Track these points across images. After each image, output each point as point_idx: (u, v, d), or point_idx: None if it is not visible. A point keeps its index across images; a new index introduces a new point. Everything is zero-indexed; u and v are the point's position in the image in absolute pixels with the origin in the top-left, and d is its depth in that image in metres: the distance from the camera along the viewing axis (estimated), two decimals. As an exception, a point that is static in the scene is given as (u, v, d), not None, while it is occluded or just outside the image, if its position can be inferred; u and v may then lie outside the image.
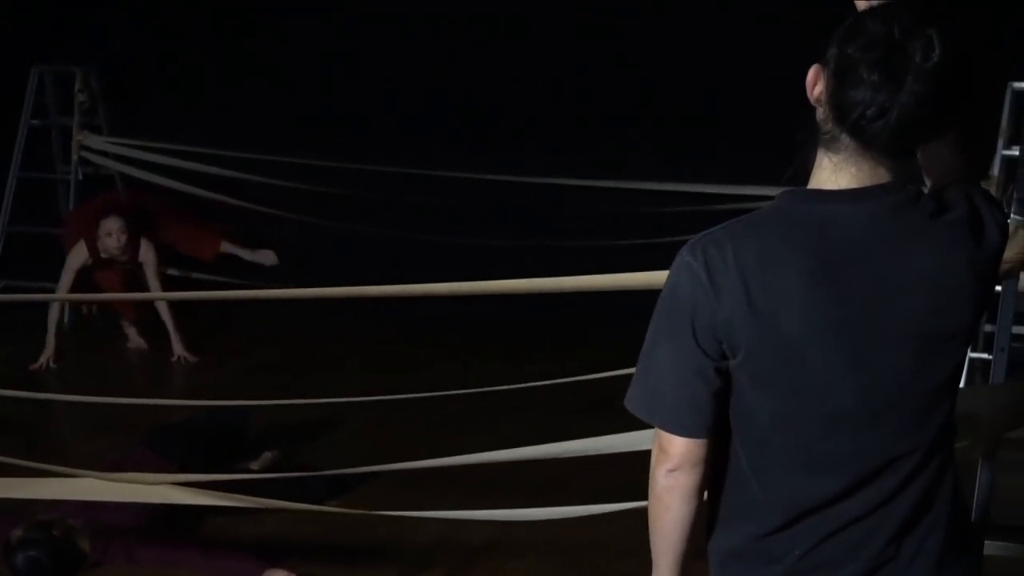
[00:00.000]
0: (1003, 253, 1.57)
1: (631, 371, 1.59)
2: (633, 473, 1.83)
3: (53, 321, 5.76)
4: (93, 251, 5.74)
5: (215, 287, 5.95)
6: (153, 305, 5.95)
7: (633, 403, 1.58)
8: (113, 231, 5.70)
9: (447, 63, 6.60)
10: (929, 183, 1.59)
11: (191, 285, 6.23)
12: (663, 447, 1.57)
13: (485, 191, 6.19)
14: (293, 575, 3.39)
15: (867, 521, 1.53)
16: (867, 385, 1.49)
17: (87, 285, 5.81)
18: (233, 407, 4.23)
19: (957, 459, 1.62)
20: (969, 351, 3.88)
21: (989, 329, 4.18)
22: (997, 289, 2.98)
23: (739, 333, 1.47)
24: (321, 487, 3.81)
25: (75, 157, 6.62)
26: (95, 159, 6.62)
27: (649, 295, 1.61)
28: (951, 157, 1.58)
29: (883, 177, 1.48)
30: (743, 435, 1.56)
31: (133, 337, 6.19)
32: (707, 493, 1.63)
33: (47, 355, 5.71)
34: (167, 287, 5.98)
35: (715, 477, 1.61)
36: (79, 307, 6.60)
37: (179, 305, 5.88)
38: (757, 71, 5.46)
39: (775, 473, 1.55)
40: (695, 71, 6.16)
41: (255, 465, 4.17)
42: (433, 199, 6.27)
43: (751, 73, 5.78)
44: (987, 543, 2.55)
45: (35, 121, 6.74)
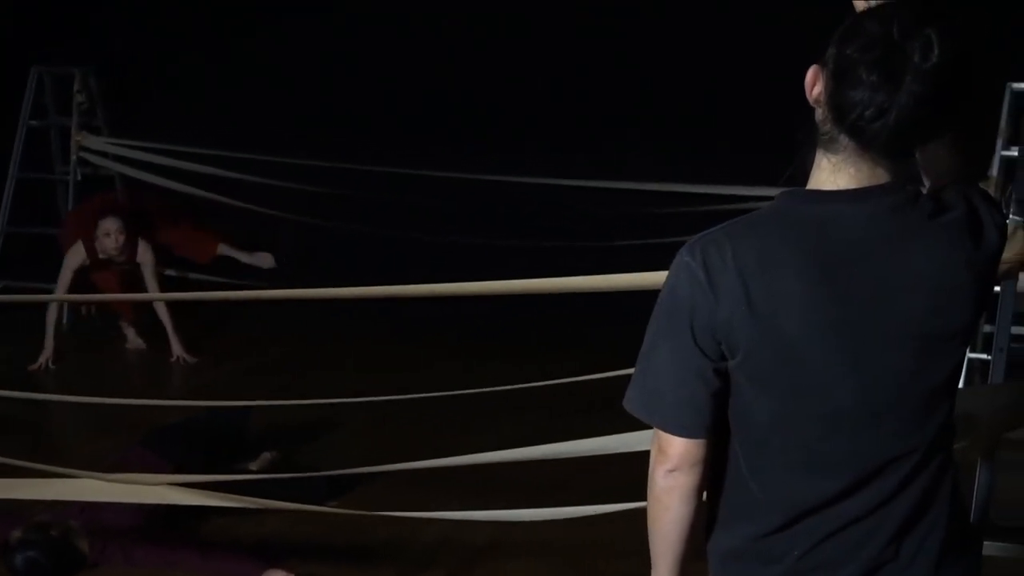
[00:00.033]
0: (1002, 254, 1.57)
1: (631, 371, 1.59)
2: (633, 473, 1.83)
3: (51, 322, 5.76)
4: (91, 251, 5.74)
5: (213, 288, 5.94)
6: (151, 306, 5.95)
7: (632, 404, 1.58)
8: (111, 231, 5.70)
9: (447, 63, 6.61)
10: (928, 183, 1.59)
11: (189, 286, 6.24)
12: (662, 447, 1.57)
13: (485, 191, 6.19)
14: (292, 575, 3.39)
15: (867, 521, 1.53)
16: (866, 385, 1.49)
17: (85, 286, 5.80)
18: (232, 407, 4.23)
19: (956, 459, 1.62)
20: (968, 351, 3.87)
21: (988, 329, 4.18)
22: (996, 290, 2.98)
23: (738, 334, 1.47)
24: (321, 487, 3.81)
25: (74, 158, 6.62)
26: (94, 160, 6.61)
27: (649, 295, 1.60)
28: (950, 157, 1.58)
29: (882, 177, 1.48)
30: (742, 435, 1.56)
31: (132, 338, 6.19)
32: (706, 493, 1.63)
33: (46, 356, 5.71)
34: (165, 288, 5.98)
35: (714, 477, 1.61)
36: (78, 308, 6.59)
37: (177, 306, 5.87)
38: (757, 71, 5.46)
39: (774, 473, 1.55)
40: (695, 71, 6.17)
41: (254, 466, 4.17)
42: (433, 199, 6.27)
43: (751, 73, 5.79)
44: (986, 543, 2.55)
45: (34, 121, 6.74)
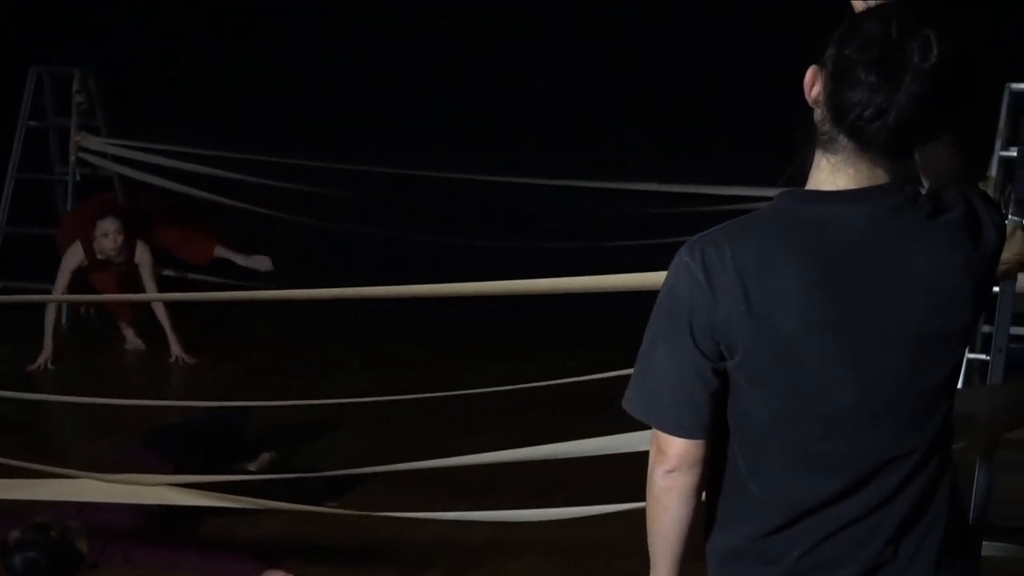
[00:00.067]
0: (1000, 254, 1.57)
1: (631, 371, 1.59)
2: (634, 473, 1.83)
3: (50, 322, 5.75)
4: (89, 252, 5.73)
5: (212, 288, 5.94)
6: (149, 306, 5.95)
7: (631, 404, 1.58)
8: (110, 232, 5.69)
9: (447, 63, 6.61)
10: (927, 184, 1.59)
11: (187, 286, 6.23)
12: (661, 448, 1.56)
13: (485, 192, 6.19)
14: (291, 576, 3.39)
15: (866, 521, 1.53)
16: (865, 386, 1.49)
17: (83, 286, 5.79)
18: (232, 408, 4.23)
19: (955, 460, 1.62)
20: (967, 352, 3.88)
21: (987, 330, 4.19)
22: (995, 290, 2.98)
23: (737, 334, 1.47)
24: (320, 488, 3.81)
25: (73, 158, 6.61)
26: (93, 160, 6.61)
27: (650, 295, 1.60)
28: (949, 158, 1.58)
29: (881, 178, 1.48)
30: (741, 436, 1.56)
31: (131, 338, 6.18)
32: (705, 494, 1.62)
33: (45, 356, 5.71)
34: (163, 288, 5.97)
35: (713, 478, 1.61)
36: (77, 308, 6.59)
37: (176, 306, 5.87)
38: (757, 71, 5.46)
39: (773, 473, 1.55)
40: (695, 71, 6.17)
41: (253, 466, 4.17)
42: (433, 199, 6.27)
43: (751, 73, 5.79)
44: (985, 544, 2.55)
45: (33, 122, 6.74)
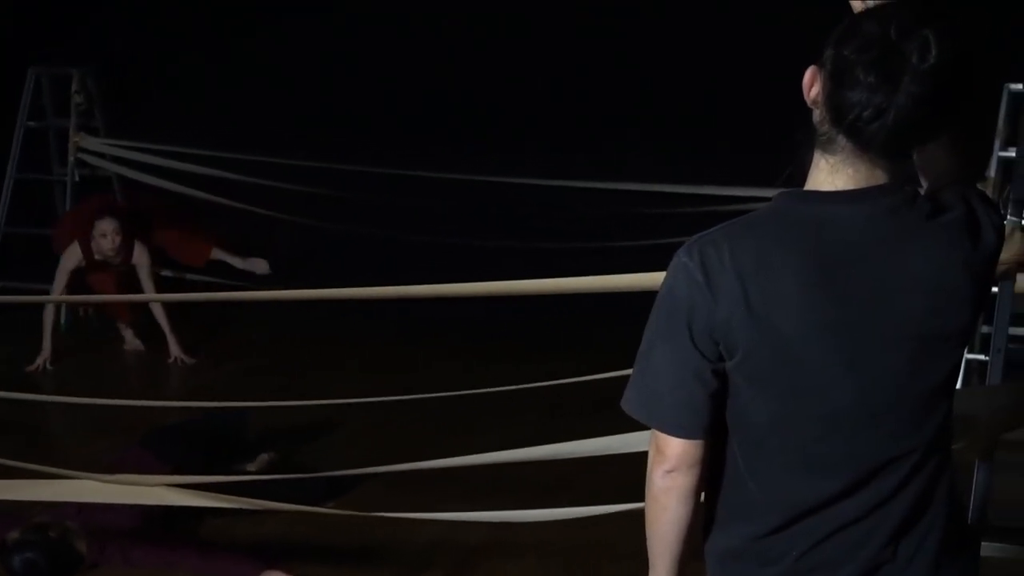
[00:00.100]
0: (999, 255, 1.57)
1: (631, 372, 1.59)
2: (634, 474, 1.83)
3: (48, 323, 5.75)
4: (87, 252, 5.72)
5: (210, 289, 5.93)
6: (148, 307, 5.95)
7: (630, 404, 1.58)
8: (108, 232, 5.68)
9: (447, 63, 6.60)
10: (926, 184, 1.58)
11: (186, 287, 6.22)
12: (660, 448, 1.56)
13: (485, 192, 6.19)
14: (290, 576, 3.39)
15: (865, 522, 1.53)
16: (865, 386, 1.49)
17: (81, 287, 5.79)
18: (231, 408, 4.23)
19: (954, 460, 1.62)
20: (966, 352, 3.87)
21: (986, 330, 4.18)
22: (994, 290, 2.98)
23: (736, 334, 1.47)
24: (320, 488, 3.81)
25: (72, 159, 6.61)
26: (92, 161, 6.61)
27: (649, 296, 1.60)
28: (948, 158, 1.57)
29: (880, 178, 1.48)
30: (740, 436, 1.56)
31: (129, 339, 6.18)
32: (704, 494, 1.63)
33: (44, 356, 5.71)
34: (161, 289, 5.96)
35: (712, 478, 1.61)
36: (76, 309, 6.59)
37: (175, 307, 5.87)
38: (757, 71, 5.46)
39: (773, 474, 1.55)
40: (695, 71, 6.17)
41: (252, 467, 4.16)
42: (433, 200, 6.26)
43: (751, 73, 5.78)
44: (984, 544, 2.54)
45: (32, 123, 6.74)
